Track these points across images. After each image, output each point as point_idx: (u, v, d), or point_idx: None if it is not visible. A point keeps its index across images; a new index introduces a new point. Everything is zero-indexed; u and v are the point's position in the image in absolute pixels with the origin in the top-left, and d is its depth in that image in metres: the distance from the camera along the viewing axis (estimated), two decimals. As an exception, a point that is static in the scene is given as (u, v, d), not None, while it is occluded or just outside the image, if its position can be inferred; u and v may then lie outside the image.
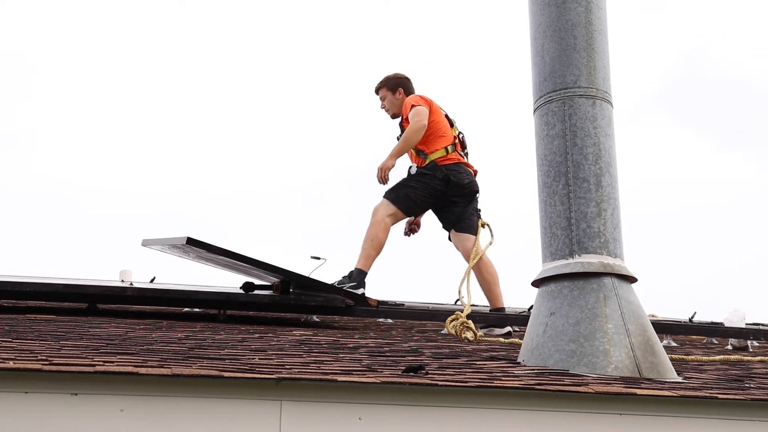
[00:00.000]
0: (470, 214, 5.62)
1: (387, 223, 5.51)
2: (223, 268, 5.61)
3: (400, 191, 5.57)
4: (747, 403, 2.47)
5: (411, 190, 5.58)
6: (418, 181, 5.58)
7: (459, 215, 5.62)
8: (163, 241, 5.31)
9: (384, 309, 5.16)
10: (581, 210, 3.15)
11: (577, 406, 2.37)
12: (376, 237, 5.45)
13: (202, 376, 2.16)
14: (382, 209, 5.53)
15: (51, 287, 4.69)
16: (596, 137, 3.23)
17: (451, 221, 5.67)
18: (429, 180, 5.58)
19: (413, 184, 5.58)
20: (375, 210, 5.55)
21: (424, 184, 5.58)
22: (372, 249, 5.44)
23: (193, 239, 4.90)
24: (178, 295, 4.95)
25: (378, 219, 5.49)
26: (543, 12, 3.39)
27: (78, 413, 2.07)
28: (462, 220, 5.62)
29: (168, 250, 5.39)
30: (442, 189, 5.56)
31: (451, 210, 5.64)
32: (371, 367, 2.67)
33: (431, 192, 5.58)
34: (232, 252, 4.97)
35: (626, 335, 2.95)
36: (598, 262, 3.09)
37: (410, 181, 5.59)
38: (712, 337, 5.46)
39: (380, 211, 5.53)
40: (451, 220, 5.66)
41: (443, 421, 2.28)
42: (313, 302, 5.06)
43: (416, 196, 5.57)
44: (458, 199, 5.61)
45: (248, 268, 5.21)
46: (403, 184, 5.60)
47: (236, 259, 4.98)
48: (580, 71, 3.28)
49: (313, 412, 2.20)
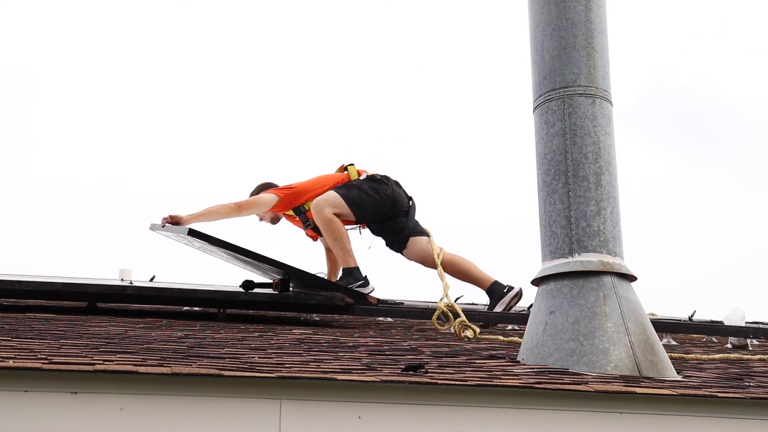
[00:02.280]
0: (416, 222, 5.54)
1: (334, 216, 5.33)
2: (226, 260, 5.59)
3: (352, 190, 5.42)
4: (747, 402, 2.47)
5: (362, 192, 5.43)
6: (369, 185, 5.45)
7: (405, 226, 5.50)
8: (168, 229, 5.31)
9: (384, 308, 5.16)
10: (581, 209, 3.15)
11: (576, 404, 2.37)
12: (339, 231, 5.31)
13: (201, 374, 2.16)
14: (328, 207, 5.33)
15: (50, 286, 4.69)
16: (596, 136, 3.23)
17: (401, 234, 5.51)
18: (377, 185, 5.45)
19: (364, 188, 5.43)
20: (319, 205, 5.34)
21: (373, 188, 5.45)
22: (346, 242, 5.32)
23: (194, 230, 4.91)
24: (177, 293, 4.96)
25: (327, 217, 5.30)
26: (542, 10, 3.39)
27: (78, 412, 2.07)
28: (410, 228, 5.51)
29: (173, 237, 5.39)
30: (391, 194, 5.43)
31: (396, 223, 5.50)
32: (371, 365, 2.67)
33: (382, 197, 5.42)
34: (232, 245, 4.96)
35: (626, 334, 2.95)
36: (597, 261, 3.09)
37: (361, 185, 5.45)
38: (711, 336, 5.46)
39: (327, 208, 5.32)
40: (401, 233, 5.51)
41: (443, 420, 2.28)
42: (312, 301, 5.06)
43: (367, 199, 5.41)
44: (401, 208, 5.51)
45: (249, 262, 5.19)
46: (354, 185, 5.45)
47: (237, 252, 4.97)
48: (579, 70, 3.28)
49: (312, 410, 2.20)
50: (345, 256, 5.35)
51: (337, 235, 5.33)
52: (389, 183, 5.50)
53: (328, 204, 5.35)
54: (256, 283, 5.11)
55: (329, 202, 5.35)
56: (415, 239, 5.50)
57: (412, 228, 5.52)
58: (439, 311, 4.48)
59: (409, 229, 5.51)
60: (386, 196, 5.45)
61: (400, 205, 5.51)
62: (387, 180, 5.52)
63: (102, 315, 4.55)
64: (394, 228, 5.54)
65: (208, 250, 5.40)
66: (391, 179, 5.54)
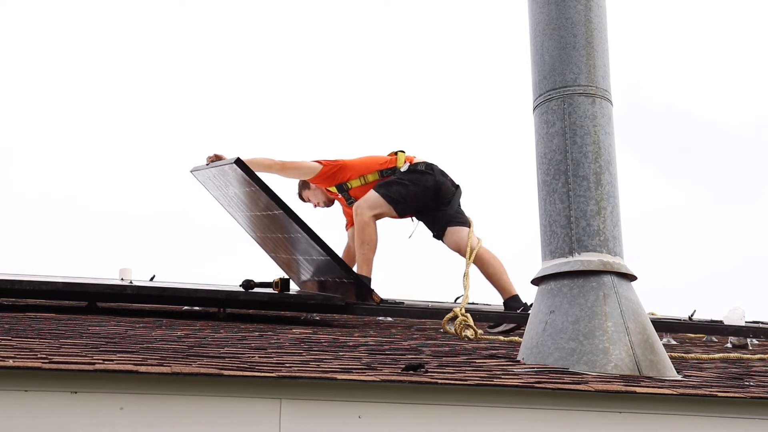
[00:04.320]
0: (459, 211, 5.49)
1: (374, 221, 5.34)
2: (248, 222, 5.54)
3: (391, 187, 5.39)
4: (746, 401, 2.47)
5: (402, 186, 5.38)
6: (409, 177, 5.40)
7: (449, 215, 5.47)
8: (212, 165, 5.33)
9: (384, 307, 5.16)
10: (581, 208, 3.15)
11: (576, 404, 2.37)
12: (369, 239, 5.32)
13: (201, 374, 2.16)
14: (367, 209, 5.33)
15: (51, 285, 4.69)
16: (596, 135, 3.23)
17: (442, 222, 5.49)
18: (419, 176, 5.40)
19: (405, 181, 5.39)
20: (359, 207, 5.35)
21: (414, 180, 5.39)
22: (369, 252, 5.32)
23: (241, 160, 4.94)
24: (177, 293, 4.95)
25: (365, 219, 5.31)
26: (542, 10, 3.38)
27: (78, 411, 2.07)
28: (453, 217, 5.47)
29: (215, 174, 5.40)
30: (433, 184, 5.39)
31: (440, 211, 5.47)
32: (371, 365, 2.67)
33: (423, 189, 5.38)
34: (273, 193, 4.92)
35: (626, 333, 2.95)
36: (597, 260, 3.09)
37: (401, 178, 5.40)
38: (711, 335, 5.46)
39: (366, 211, 5.33)
40: (443, 221, 5.48)
41: (443, 419, 2.28)
42: (312, 300, 5.06)
43: (407, 193, 5.37)
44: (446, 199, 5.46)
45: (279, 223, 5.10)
46: (394, 181, 5.41)
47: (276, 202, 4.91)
48: (579, 69, 3.28)
49: (312, 410, 2.20)
50: (363, 264, 5.34)
51: (366, 240, 5.33)
52: (433, 172, 5.43)
53: (368, 206, 5.35)
54: (256, 283, 5.11)
55: (369, 204, 5.35)
56: (453, 229, 5.45)
57: (452, 216, 5.48)
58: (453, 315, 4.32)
59: (449, 217, 5.47)
60: (427, 187, 5.40)
61: (444, 195, 5.46)
62: (431, 169, 5.43)
63: (102, 314, 4.55)
64: (435, 216, 5.52)
65: (239, 200, 5.34)
66: (436, 168, 5.45)
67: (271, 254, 6.06)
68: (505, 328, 5.07)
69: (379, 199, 5.36)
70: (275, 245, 5.80)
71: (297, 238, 5.21)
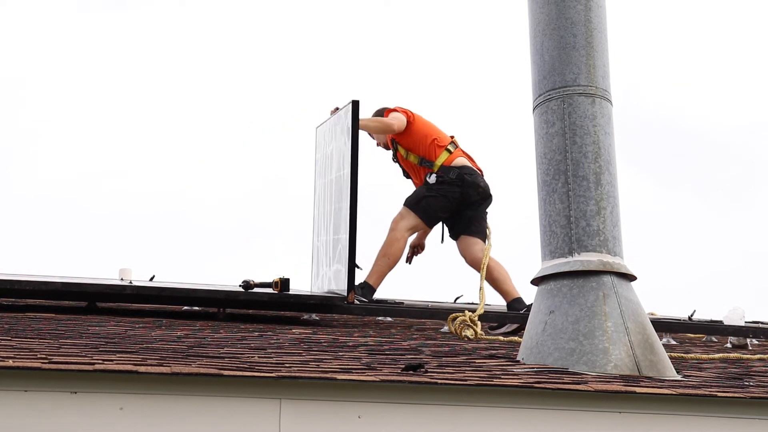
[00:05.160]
0: (480, 218, 5.51)
1: (406, 238, 5.45)
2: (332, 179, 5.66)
3: (421, 201, 5.46)
4: (746, 401, 2.47)
5: (432, 198, 5.45)
6: (438, 189, 5.45)
7: (469, 219, 5.50)
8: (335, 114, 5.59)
9: (383, 307, 5.16)
10: (581, 208, 3.15)
11: (576, 404, 2.37)
12: (393, 255, 5.38)
13: (201, 374, 2.15)
14: (402, 222, 5.43)
15: (50, 286, 4.69)
16: (596, 135, 3.23)
17: (460, 226, 5.52)
18: (447, 187, 5.44)
19: (433, 194, 5.44)
20: (394, 222, 5.45)
21: (443, 192, 5.44)
22: (386, 266, 5.38)
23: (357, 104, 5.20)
24: (177, 293, 4.95)
25: (398, 236, 5.40)
26: (542, 10, 3.38)
27: (77, 411, 2.07)
28: (472, 224, 5.50)
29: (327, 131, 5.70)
30: (460, 195, 5.43)
31: (462, 214, 5.51)
32: (370, 365, 2.67)
33: (450, 200, 5.44)
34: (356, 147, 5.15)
35: (626, 333, 2.95)
36: (597, 261, 3.09)
37: (430, 190, 5.45)
38: (711, 336, 5.46)
39: (400, 224, 5.43)
40: (461, 224, 5.52)
41: (442, 419, 2.28)
42: (312, 300, 5.06)
43: (437, 204, 5.44)
44: (472, 203, 5.49)
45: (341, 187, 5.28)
46: (423, 194, 5.47)
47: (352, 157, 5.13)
48: (579, 69, 3.28)
49: (312, 410, 2.20)
50: (375, 273, 5.38)
51: (389, 254, 5.40)
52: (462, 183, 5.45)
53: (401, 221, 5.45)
54: (256, 283, 5.11)
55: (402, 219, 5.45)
56: (467, 238, 5.51)
57: (468, 224, 5.53)
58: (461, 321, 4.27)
59: (464, 224, 5.53)
60: (454, 199, 5.46)
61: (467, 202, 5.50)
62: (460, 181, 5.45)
63: (102, 315, 4.55)
64: (454, 219, 5.59)
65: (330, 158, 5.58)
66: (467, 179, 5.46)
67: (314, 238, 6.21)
68: (508, 329, 5.08)
69: (410, 213, 5.46)
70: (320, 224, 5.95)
71: (340, 209, 5.30)
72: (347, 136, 5.24)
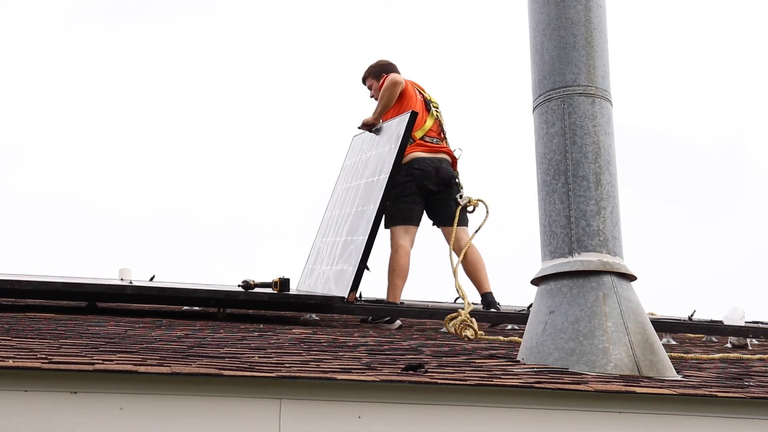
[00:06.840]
0: (447, 204, 5.57)
1: (405, 248, 5.49)
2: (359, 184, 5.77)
3: (393, 212, 5.53)
4: (746, 401, 2.47)
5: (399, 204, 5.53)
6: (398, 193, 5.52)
7: (438, 208, 5.64)
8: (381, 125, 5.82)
9: (383, 307, 5.16)
10: (581, 208, 3.15)
11: (576, 404, 2.37)
12: (398, 266, 5.46)
13: (201, 374, 2.16)
14: (395, 239, 5.52)
15: (50, 285, 4.69)
16: (596, 135, 3.23)
17: (433, 215, 5.69)
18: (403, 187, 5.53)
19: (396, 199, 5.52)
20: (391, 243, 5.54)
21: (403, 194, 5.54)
22: (397, 279, 5.45)
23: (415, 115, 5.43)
24: (177, 293, 4.96)
25: (395, 249, 5.49)
26: (542, 10, 3.38)
27: (77, 411, 2.07)
28: (441, 212, 5.63)
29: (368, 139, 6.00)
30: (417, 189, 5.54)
31: (432, 203, 5.65)
32: (370, 365, 2.67)
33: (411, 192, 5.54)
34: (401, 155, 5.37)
35: (626, 333, 2.95)
36: (597, 261, 3.09)
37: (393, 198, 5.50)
38: (711, 336, 5.46)
39: (394, 241, 5.51)
40: (433, 214, 5.68)
41: (442, 419, 2.28)
42: (312, 300, 5.06)
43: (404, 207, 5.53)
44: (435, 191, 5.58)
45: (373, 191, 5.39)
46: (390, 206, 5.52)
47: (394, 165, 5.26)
48: (579, 69, 3.28)
49: (312, 410, 2.20)
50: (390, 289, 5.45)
51: (394, 267, 5.48)
52: (413, 177, 5.55)
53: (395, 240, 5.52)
54: (256, 283, 5.11)
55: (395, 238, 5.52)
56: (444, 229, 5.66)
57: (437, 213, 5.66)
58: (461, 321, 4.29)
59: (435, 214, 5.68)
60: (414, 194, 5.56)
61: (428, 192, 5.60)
62: (410, 177, 5.55)
63: (102, 315, 4.55)
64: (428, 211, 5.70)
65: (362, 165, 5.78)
66: (415, 173, 5.56)
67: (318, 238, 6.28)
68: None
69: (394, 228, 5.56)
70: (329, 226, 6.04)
71: (363, 212, 5.39)
72: (394, 144, 5.39)
